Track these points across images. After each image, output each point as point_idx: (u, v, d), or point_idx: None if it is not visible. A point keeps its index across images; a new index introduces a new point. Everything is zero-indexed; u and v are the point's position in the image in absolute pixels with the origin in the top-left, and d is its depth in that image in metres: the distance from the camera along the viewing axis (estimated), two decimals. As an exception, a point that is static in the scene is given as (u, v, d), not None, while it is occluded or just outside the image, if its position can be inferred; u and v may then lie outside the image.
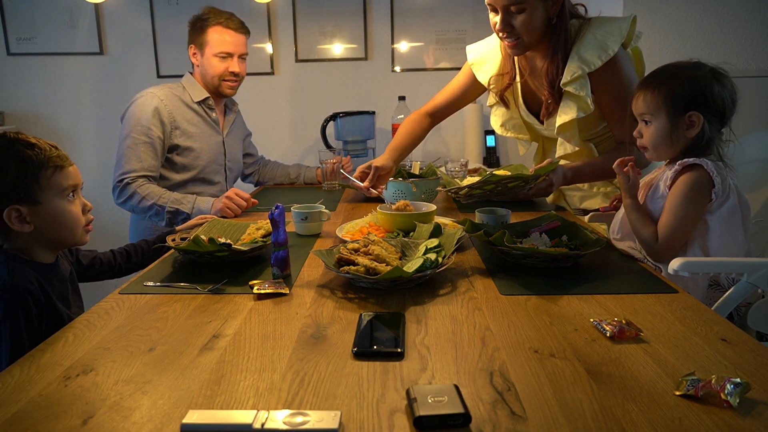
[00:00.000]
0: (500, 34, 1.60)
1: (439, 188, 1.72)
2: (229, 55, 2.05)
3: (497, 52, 1.78)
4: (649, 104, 1.28)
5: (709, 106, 1.24)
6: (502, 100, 1.83)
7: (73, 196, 1.18)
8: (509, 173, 1.61)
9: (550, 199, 1.98)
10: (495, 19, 1.57)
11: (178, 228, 1.57)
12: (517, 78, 1.78)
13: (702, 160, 1.23)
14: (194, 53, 2.08)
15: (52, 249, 1.19)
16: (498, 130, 1.90)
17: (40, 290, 1.09)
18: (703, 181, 1.23)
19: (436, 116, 1.99)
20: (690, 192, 1.23)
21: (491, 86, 1.82)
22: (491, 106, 1.91)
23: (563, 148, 1.71)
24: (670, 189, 1.27)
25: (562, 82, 1.58)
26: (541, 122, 1.77)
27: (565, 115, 1.61)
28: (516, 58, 1.74)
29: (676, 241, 1.24)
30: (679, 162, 1.26)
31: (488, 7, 1.57)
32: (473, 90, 1.92)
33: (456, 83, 1.94)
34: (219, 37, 2.03)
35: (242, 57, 2.10)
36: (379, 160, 1.85)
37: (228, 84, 2.08)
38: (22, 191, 1.10)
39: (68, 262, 1.27)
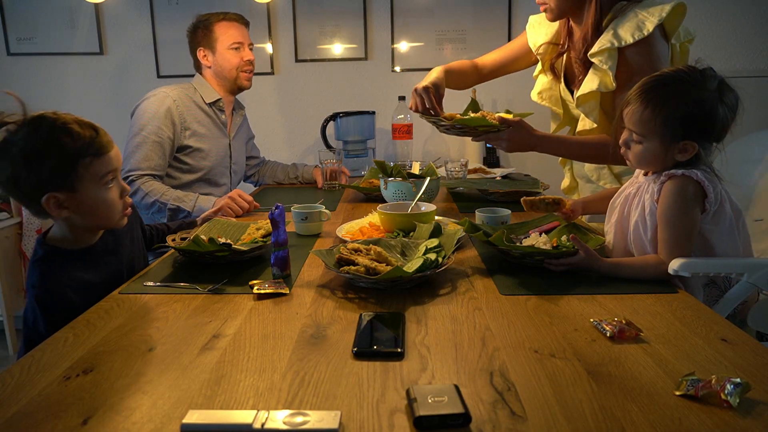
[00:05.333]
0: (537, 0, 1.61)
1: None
2: (241, 45, 2.11)
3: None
4: (645, 123, 1.17)
5: (709, 132, 1.16)
6: (552, 70, 1.77)
7: (112, 181, 1.17)
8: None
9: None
10: None
11: (201, 217, 1.65)
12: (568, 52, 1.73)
13: (691, 171, 1.15)
14: (205, 55, 2.10)
15: (91, 232, 1.21)
16: (534, 97, 1.82)
17: (76, 286, 1.12)
18: (690, 189, 1.15)
19: (484, 70, 1.92)
20: (681, 202, 1.15)
21: (539, 53, 1.78)
22: (536, 76, 1.84)
23: (583, 124, 1.65)
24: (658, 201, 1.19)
25: (590, 53, 1.53)
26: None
27: (586, 86, 1.56)
28: (568, 31, 1.71)
29: (683, 254, 1.15)
30: (666, 173, 1.17)
31: None
32: (527, 55, 1.86)
33: (513, 43, 1.91)
34: (227, 31, 2.08)
35: (250, 46, 2.16)
36: (428, 80, 1.72)
37: (245, 75, 2.13)
38: (60, 179, 1.10)
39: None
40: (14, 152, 1.08)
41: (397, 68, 2.95)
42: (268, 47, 2.92)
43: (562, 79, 1.75)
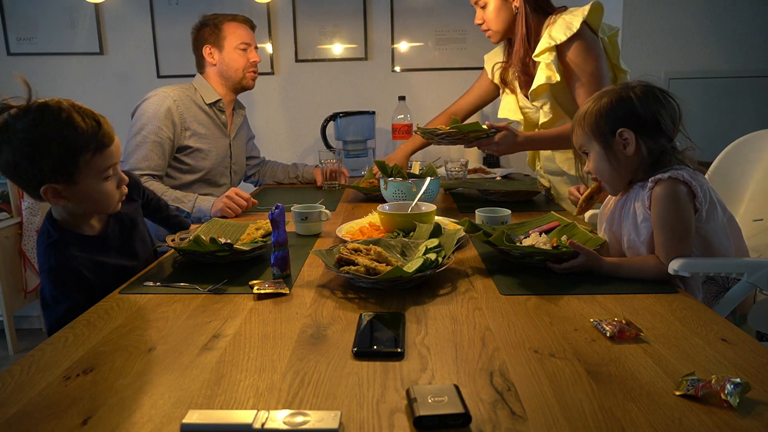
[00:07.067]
0: (481, 28, 1.90)
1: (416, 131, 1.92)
2: (248, 46, 2.12)
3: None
4: (580, 136, 1.27)
5: (637, 121, 1.20)
6: (506, 84, 2.00)
7: (111, 172, 1.18)
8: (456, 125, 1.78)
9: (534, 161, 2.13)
10: None
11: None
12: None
13: (676, 173, 1.16)
14: (210, 53, 2.10)
15: (89, 217, 1.23)
16: (499, 113, 2.03)
17: (90, 266, 1.17)
18: (682, 190, 1.15)
19: (459, 115, 2.16)
20: (673, 204, 1.15)
21: (494, 72, 2.04)
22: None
23: (542, 117, 1.86)
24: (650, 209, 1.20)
25: (533, 55, 1.79)
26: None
27: (536, 82, 1.79)
28: (509, 48, 1.95)
29: (681, 255, 1.15)
30: (652, 179, 1.18)
31: None
32: (491, 88, 2.11)
33: (476, 82, 2.16)
34: (236, 31, 2.10)
35: (256, 49, 2.17)
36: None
37: (251, 75, 2.15)
38: (60, 172, 1.10)
39: (132, 208, 1.37)
40: (16, 140, 1.06)
41: (397, 68, 2.95)
42: (268, 47, 2.92)
43: (518, 91, 1.96)
